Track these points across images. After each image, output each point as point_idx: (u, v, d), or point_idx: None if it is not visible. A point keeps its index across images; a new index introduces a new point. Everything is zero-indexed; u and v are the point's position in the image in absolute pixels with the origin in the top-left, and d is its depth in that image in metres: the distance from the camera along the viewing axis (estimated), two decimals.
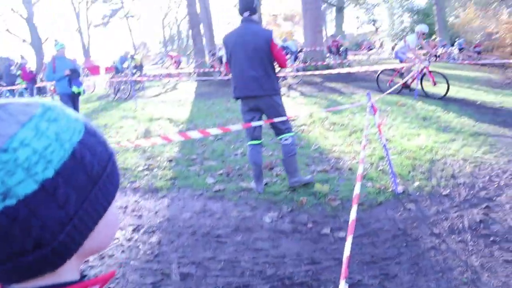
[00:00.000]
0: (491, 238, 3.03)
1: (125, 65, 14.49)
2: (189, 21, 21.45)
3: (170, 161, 5.24)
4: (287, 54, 13.83)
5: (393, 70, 10.71)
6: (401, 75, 10.00)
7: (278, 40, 3.89)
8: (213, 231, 3.34)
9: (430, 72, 9.14)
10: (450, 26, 33.43)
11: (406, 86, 9.56)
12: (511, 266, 2.67)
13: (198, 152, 5.61)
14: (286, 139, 3.96)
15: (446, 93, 8.82)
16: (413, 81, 9.40)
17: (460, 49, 24.75)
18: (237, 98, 3.97)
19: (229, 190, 4.14)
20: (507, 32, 32.04)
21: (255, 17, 3.93)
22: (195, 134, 3.27)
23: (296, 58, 14.98)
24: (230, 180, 4.43)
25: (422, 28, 9.35)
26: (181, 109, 9.82)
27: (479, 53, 25.28)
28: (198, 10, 19.94)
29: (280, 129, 3.94)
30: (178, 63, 20.33)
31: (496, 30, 33.75)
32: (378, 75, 10.67)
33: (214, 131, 3.46)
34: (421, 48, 10.16)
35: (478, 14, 34.94)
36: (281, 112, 3.91)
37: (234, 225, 3.41)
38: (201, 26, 19.97)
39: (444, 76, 8.93)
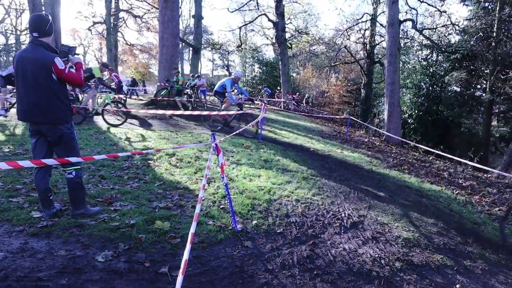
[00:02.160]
0: (315, 272, 3.37)
1: None
2: None
3: None
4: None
5: None
6: None
7: (61, 63, 3.57)
8: (33, 273, 2.88)
9: None
10: (293, 80, 37.73)
11: None
12: None
13: (26, 181, 4.88)
14: (70, 173, 3.83)
15: None
16: None
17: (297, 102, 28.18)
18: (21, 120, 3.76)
19: (59, 226, 3.67)
20: (335, 92, 38.09)
21: (46, 39, 3.64)
22: (27, 164, 2.75)
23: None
24: (62, 214, 3.95)
25: None
26: (8, 130, 8.53)
27: (312, 105, 29.13)
28: None
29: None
30: None
31: (328, 89, 39.69)
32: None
33: (50, 161, 3.07)
34: None
35: (314, 74, 40.59)
36: (67, 142, 3.76)
37: (61, 266, 3.01)
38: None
39: None
